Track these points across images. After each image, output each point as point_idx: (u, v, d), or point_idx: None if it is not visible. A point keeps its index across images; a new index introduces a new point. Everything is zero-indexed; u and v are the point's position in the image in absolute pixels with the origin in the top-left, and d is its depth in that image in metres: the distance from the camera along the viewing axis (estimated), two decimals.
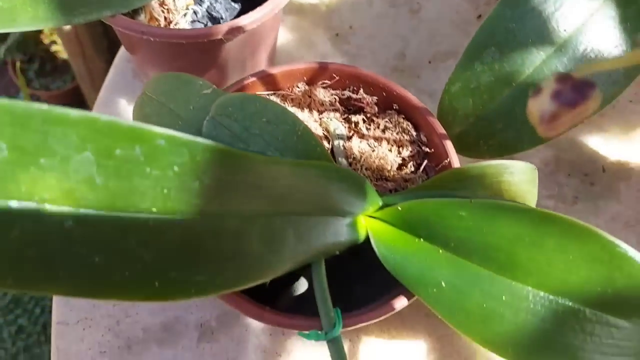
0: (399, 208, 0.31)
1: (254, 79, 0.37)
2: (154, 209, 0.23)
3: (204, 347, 0.42)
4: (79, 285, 0.22)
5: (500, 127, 0.40)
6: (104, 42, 1.16)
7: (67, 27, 1.07)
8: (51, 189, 0.21)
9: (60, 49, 1.35)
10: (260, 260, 0.26)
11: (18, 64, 1.27)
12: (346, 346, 0.43)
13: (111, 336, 0.43)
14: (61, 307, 0.44)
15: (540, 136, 0.40)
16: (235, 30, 0.39)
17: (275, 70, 0.37)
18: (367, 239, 0.32)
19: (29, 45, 1.35)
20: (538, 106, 0.19)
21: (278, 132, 0.31)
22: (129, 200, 0.22)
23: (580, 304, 0.27)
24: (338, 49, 0.57)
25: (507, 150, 0.40)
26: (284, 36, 0.57)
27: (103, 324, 0.43)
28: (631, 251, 0.27)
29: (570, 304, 0.27)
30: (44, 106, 0.20)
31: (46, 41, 1.38)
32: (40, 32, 1.37)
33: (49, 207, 0.21)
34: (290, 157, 0.31)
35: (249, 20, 0.39)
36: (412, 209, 0.30)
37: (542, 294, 0.28)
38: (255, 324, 0.44)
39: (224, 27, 0.39)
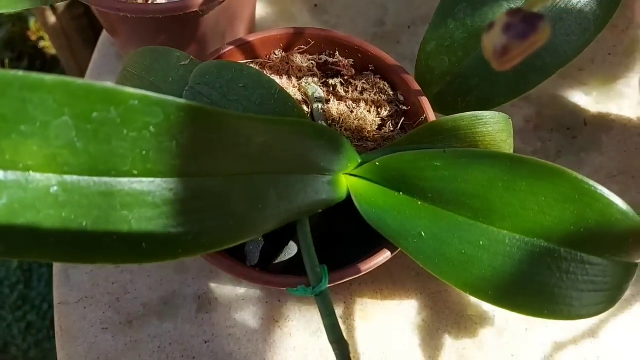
0: (377, 163, 0.31)
1: (231, 47, 0.37)
2: (135, 172, 0.24)
3: (203, 317, 0.44)
4: (69, 250, 0.23)
5: (475, 83, 0.40)
6: (91, 35, 1.16)
7: (53, 21, 1.06)
8: (34, 156, 0.21)
9: (48, 45, 1.35)
10: (244, 219, 0.27)
11: (7, 62, 1.27)
12: (341, 309, 0.44)
13: (112, 313, 0.44)
14: (61, 287, 0.45)
15: (515, 89, 0.41)
16: (210, 2, 0.39)
17: (251, 38, 0.38)
18: (350, 198, 0.33)
19: (17, 42, 1.35)
20: (491, 40, 0.20)
21: (255, 96, 0.32)
22: (110, 164, 0.23)
23: (555, 244, 0.28)
24: (317, 19, 0.57)
25: (484, 105, 0.41)
26: (264, 9, 0.57)
27: (103, 301, 0.44)
28: (600, 188, 0.27)
29: (545, 244, 0.28)
30: (20, 73, 0.20)
31: (34, 37, 1.38)
32: (27, 28, 1.36)
33: (34, 174, 0.22)
34: None
35: None
36: (389, 163, 0.31)
37: (517, 236, 0.28)
38: (251, 293, 0.45)
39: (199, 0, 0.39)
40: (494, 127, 0.33)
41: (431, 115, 0.36)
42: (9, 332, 1.06)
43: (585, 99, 0.54)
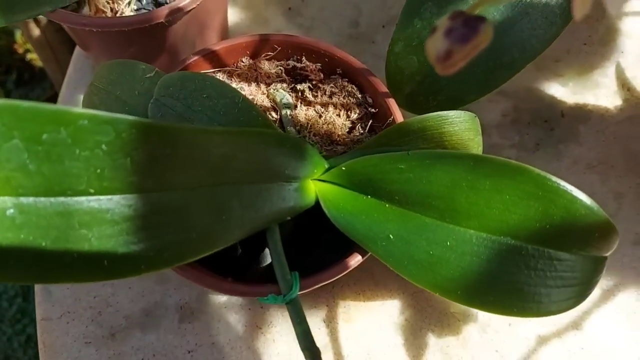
0: (343, 168, 0.31)
1: (196, 57, 0.37)
2: (92, 190, 0.24)
3: (186, 327, 0.44)
4: (30, 271, 0.23)
5: (445, 82, 0.40)
6: (74, 46, 1.15)
7: (37, 33, 1.06)
8: None
9: (35, 57, 1.35)
10: (207, 232, 0.27)
11: None
12: (324, 312, 0.44)
13: (95, 327, 0.44)
14: (43, 303, 0.45)
15: (485, 86, 0.41)
16: (175, 12, 0.39)
17: (217, 47, 0.38)
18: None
19: (4, 56, 1.35)
20: (433, 45, 0.20)
21: (219, 106, 0.32)
22: (65, 184, 0.23)
23: (522, 241, 0.28)
24: (292, 22, 0.57)
25: (456, 103, 0.41)
26: (237, 15, 0.57)
27: (86, 315, 0.44)
28: (563, 184, 0.27)
29: (512, 242, 0.28)
30: None
31: (20, 50, 1.37)
32: (13, 41, 1.36)
33: None
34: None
35: (187, 0, 0.40)
36: (355, 167, 0.31)
37: (484, 235, 0.28)
38: (233, 301, 0.45)
39: (164, 11, 0.39)
40: (460, 126, 0.33)
41: (399, 117, 0.36)
42: (10, 345, 1.06)
43: (562, 90, 0.54)
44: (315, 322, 0.43)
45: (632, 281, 0.45)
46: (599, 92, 0.54)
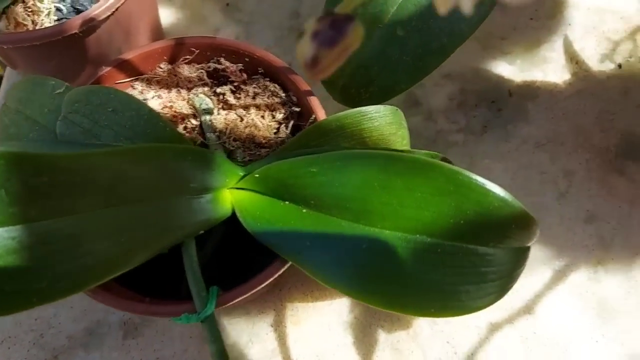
0: (256, 175, 0.30)
1: (109, 68, 0.36)
2: None
3: (130, 343, 0.43)
4: None
5: (376, 72, 0.39)
6: None
7: None
8: None
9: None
10: (106, 256, 0.26)
11: None
12: (271, 317, 0.43)
13: (37, 350, 0.43)
14: None
15: (415, 74, 0.39)
16: (89, 22, 0.38)
17: (130, 55, 0.36)
18: None
19: None
20: (301, 50, 0.19)
21: (125, 119, 0.30)
22: None
23: (437, 239, 0.27)
24: (230, 18, 0.56)
25: (387, 94, 0.40)
26: (173, 15, 0.55)
27: (27, 339, 0.43)
28: (474, 177, 0.26)
29: (428, 240, 0.27)
30: None
31: None
32: None
33: None
34: (141, 143, 0.30)
35: (100, 9, 0.38)
36: (268, 173, 0.30)
37: (399, 235, 0.27)
38: None
39: (77, 21, 0.38)
40: (380, 121, 0.32)
41: (320, 115, 0.35)
42: None
43: (509, 69, 0.53)
44: (263, 327, 0.43)
45: (584, 260, 0.44)
46: (547, 68, 0.53)
